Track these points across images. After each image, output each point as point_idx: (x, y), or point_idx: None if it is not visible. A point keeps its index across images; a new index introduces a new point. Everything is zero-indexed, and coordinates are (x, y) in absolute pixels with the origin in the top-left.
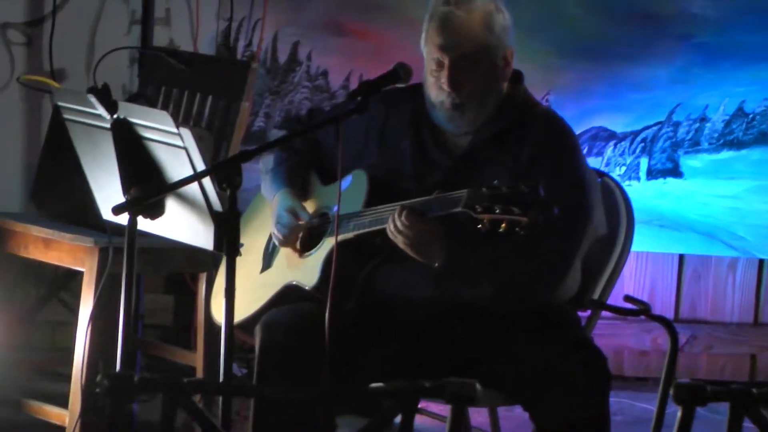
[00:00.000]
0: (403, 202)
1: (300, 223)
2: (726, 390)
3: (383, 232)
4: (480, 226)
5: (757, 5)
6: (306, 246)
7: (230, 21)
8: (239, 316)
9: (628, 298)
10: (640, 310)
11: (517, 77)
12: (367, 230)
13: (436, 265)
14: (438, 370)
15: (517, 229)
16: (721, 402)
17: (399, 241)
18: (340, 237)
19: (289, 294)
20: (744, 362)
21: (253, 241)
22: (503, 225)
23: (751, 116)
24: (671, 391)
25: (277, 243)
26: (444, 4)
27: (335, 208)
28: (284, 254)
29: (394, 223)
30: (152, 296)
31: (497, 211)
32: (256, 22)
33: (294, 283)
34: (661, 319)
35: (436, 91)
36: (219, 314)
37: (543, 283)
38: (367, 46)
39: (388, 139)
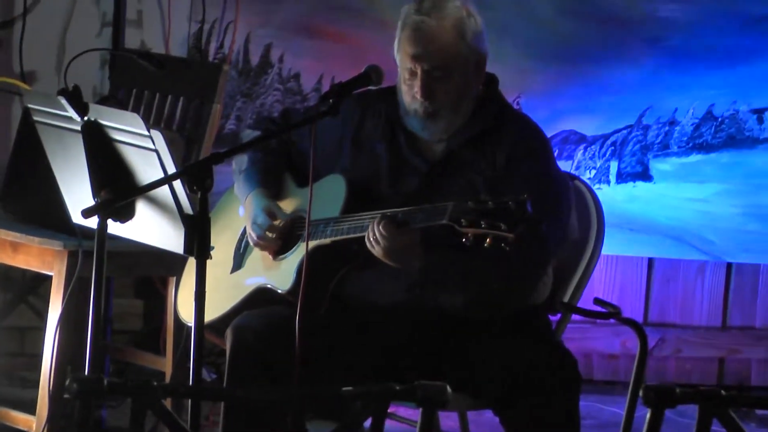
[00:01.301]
0: (386, 211)
1: (276, 223)
2: (695, 392)
3: (361, 239)
4: (464, 240)
5: (725, 9)
6: (280, 248)
7: (202, 23)
8: (209, 316)
9: (598, 301)
10: (610, 313)
11: (492, 80)
12: (344, 237)
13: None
14: (409, 374)
15: (502, 244)
16: (690, 404)
17: (376, 250)
18: (317, 242)
19: (261, 296)
20: (712, 366)
21: (222, 238)
22: (488, 240)
23: (720, 120)
24: (640, 394)
25: (251, 243)
26: (416, 12)
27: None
28: (257, 255)
29: (372, 232)
30: (121, 300)
31: (483, 225)
32: (228, 24)
33: (268, 286)
34: (630, 322)
35: (410, 99)
36: (186, 312)
37: (517, 292)
38: (339, 48)
39: (363, 143)
